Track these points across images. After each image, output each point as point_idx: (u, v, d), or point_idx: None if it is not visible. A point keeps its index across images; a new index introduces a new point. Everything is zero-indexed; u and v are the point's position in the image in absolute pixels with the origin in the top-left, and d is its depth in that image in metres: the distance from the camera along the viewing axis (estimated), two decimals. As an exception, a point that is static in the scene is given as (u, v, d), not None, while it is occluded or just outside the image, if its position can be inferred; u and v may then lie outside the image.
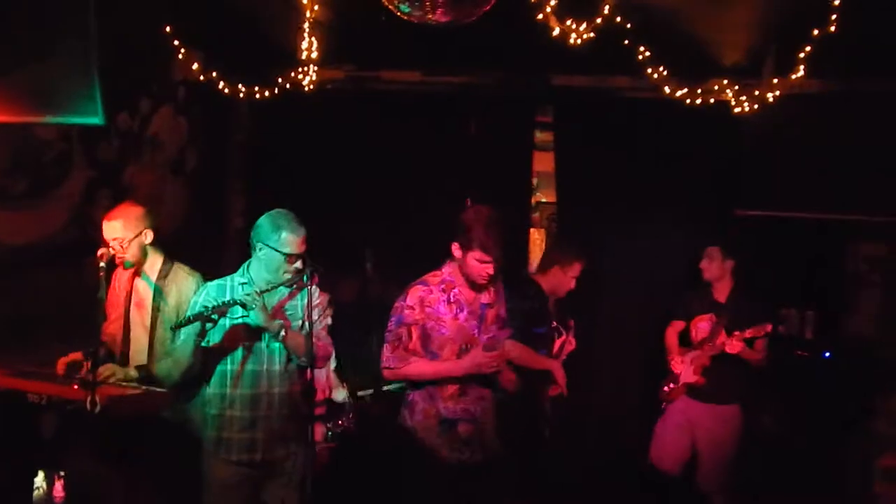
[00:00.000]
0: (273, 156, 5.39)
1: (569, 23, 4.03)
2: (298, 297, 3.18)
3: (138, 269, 3.44)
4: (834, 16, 4.09)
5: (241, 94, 4.94)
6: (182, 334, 3.19)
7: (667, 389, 4.52)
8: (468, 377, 3.32)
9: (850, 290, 5.21)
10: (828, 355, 4.96)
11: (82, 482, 3.19)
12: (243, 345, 3.20)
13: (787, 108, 4.57)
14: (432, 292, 3.31)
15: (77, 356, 3.32)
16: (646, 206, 5.13)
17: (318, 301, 3.30)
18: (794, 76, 4.41)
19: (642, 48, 4.34)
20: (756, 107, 4.58)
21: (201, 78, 4.79)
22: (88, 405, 2.86)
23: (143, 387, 3.24)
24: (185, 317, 3.18)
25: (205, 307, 3.11)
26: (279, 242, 3.14)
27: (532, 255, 5.23)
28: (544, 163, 5.29)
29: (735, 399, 4.40)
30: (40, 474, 3.10)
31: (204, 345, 3.16)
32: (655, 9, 4.23)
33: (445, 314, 3.31)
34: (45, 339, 3.58)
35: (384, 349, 3.32)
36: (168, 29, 4.54)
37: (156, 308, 3.41)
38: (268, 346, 3.19)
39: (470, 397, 3.35)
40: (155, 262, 3.46)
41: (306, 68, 4.70)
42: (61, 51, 3.61)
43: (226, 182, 5.49)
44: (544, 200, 5.37)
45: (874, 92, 4.58)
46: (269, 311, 3.16)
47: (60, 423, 3.21)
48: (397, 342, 3.28)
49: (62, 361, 3.34)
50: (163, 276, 3.44)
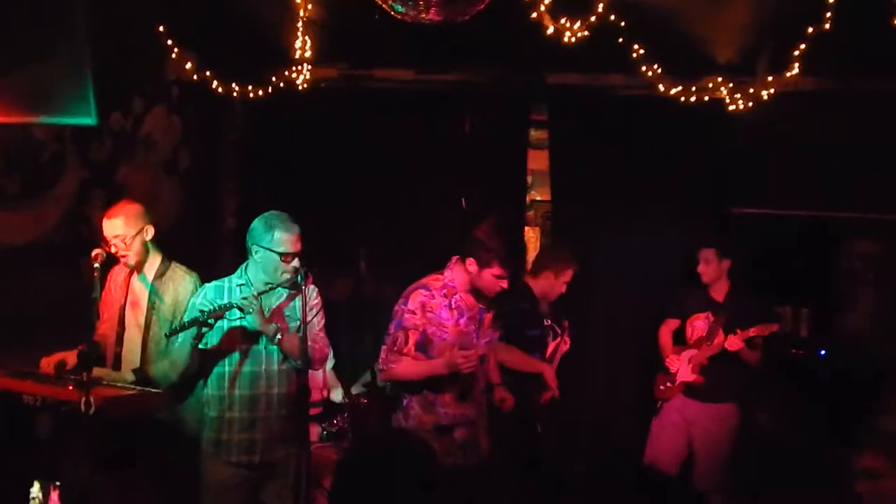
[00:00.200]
0: (267, 155, 5.41)
1: (563, 21, 4.05)
2: (297, 298, 3.21)
3: (138, 267, 3.47)
4: (828, 13, 4.11)
5: (235, 94, 4.96)
6: (179, 338, 3.21)
7: (663, 388, 4.55)
8: (464, 381, 3.33)
9: (844, 287, 5.25)
10: (823, 353, 4.99)
11: (77, 484, 3.21)
12: (240, 347, 3.23)
13: (781, 106, 4.60)
14: (434, 297, 3.32)
15: (62, 357, 3.36)
16: (640, 204, 5.16)
17: (316, 301, 3.33)
18: (788, 74, 4.43)
19: (636, 46, 4.36)
20: (750, 105, 4.61)
21: (195, 77, 4.81)
22: (83, 406, 2.88)
23: (137, 388, 3.26)
24: (181, 322, 3.21)
25: (201, 312, 3.14)
26: (273, 242, 3.17)
27: (527, 254, 5.25)
28: (539, 161, 5.30)
29: (731, 398, 4.43)
30: (36, 484, 3.10)
31: (201, 347, 3.19)
32: (649, 7, 4.25)
33: (447, 320, 3.33)
34: (39, 339, 3.60)
35: (382, 350, 3.34)
36: (161, 28, 4.55)
37: (151, 307, 3.44)
38: (266, 347, 3.23)
39: (467, 402, 3.37)
40: (153, 262, 3.49)
41: (300, 67, 4.72)
42: (54, 52, 3.65)
43: (219, 182, 5.50)
44: (539, 199, 5.37)
45: (868, 90, 4.61)
46: (266, 314, 3.19)
47: (55, 425, 3.23)
48: (393, 344, 3.30)
49: (46, 361, 3.37)
50: (160, 275, 3.47)
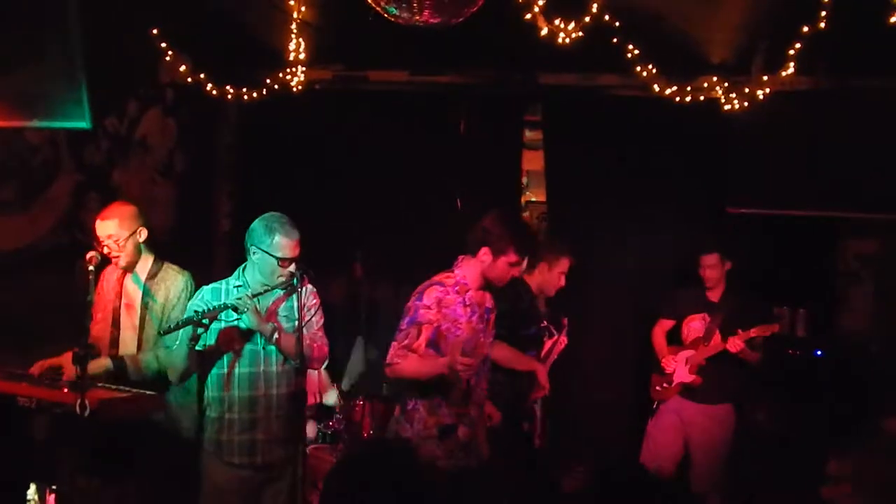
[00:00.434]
0: (262, 157, 5.45)
1: (557, 22, 4.06)
2: (292, 299, 3.24)
3: (130, 268, 3.52)
4: (824, 12, 4.11)
5: (229, 96, 5.00)
6: (175, 338, 3.26)
7: (659, 389, 4.58)
8: (468, 382, 3.37)
9: (841, 287, 5.26)
10: (820, 353, 5.01)
11: (72, 487, 3.24)
12: (237, 348, 3.27)
13: (777, 106, 4.62)
14: (449, 293, 3.34)
15: (55, 362, 3.40)
16: (636, 205, 5.20)
17: (314, 302, 3.36)
18: (783, 73, 4.45)
19: (631, 46, 4.37)
20: (746, 104, 4.63)
21: (189, 80, 4.84)
22: (78, 408, 2.91)
23: (133, 390, 3.29)
24: (175, 321, 3.25)
25: (195, 312, 3.17)
26: (272, 246, 3.20)
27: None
28: (534, 161, 5.34)
29: (728, 398, 4.47)
30: (32, 487, 3.12)
31: (199, 348, 3.22)
32: (644, 7, 4.28)
33: (461, 316, 3.35)
34: (34, 342, 3.65)
35: (391, 346, 3.33)
36: (155, 31, 4.59)
37: (144, 307, 3.49)
38: (264, 348, 3.26)
39: (470, 401, 3.40)
40: (145, 263, 3.54)
41: (294, 69, 4.75)
42: (48, 56, 3.69)
43: (214, 184, 5.55)
44: (534, 199, 5.42)
45: (864, 89, 4.63)
46: (262, 314, 3.23)
47: (51, 427, 3.26)
48: (405, 340, 3.29)
49: (39, 366, 3.41)
50: (152, 275, 3.52)
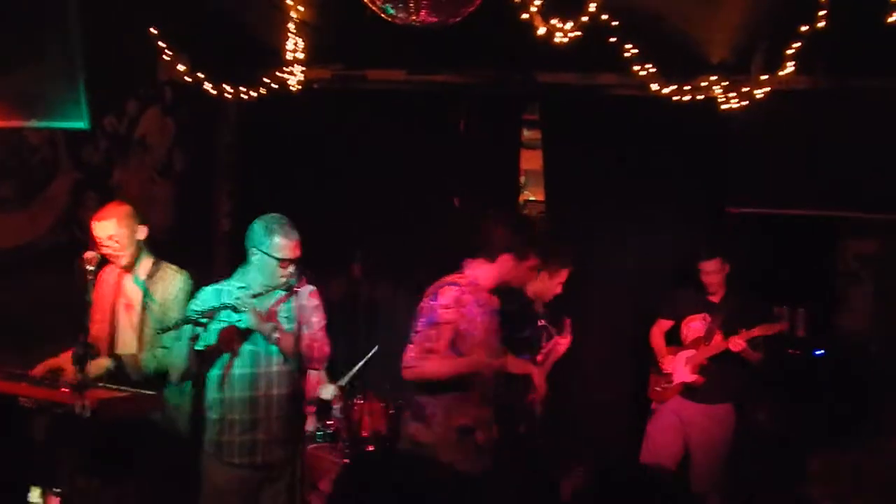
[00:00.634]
0: (260, 156, 5.49)
1: (554, 21, 4.08)
2: (292, 299, 3.29)
3: (130, 268, 3.57)
4: (823, 11, 4.10)
5: (228, 95, 5.03)
6: (174, 338, 3.32)
7: (658, 389, 4.62)
8: (484, 382, 3.41)
9: (841, 287, 5.30)
10: (820, 353, 5.04)
11: (72, 486, 3.28)
12: (235, 348, 3.32)
13: (776, 105, 4.64)
14: (464, 293, 3.37)
15: (55, 363, 3.45)
16: (635, 204, 5.24)
17: (316, 303, 3.41)
18: (782, 73, 4.45)
19: (629, 46, 4.38)
20: (745, 104, 4.64)
21: (188, 79, 4.88)
22: (78, 408, 2.96)
23: (132, 390, 3.35)
24: (173, 321, 3.31)
25: (194, 311, 3.23)
26: (271, 247, 3.26)
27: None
28: (532, 161, 5.36)
29: (728, 398, 4.51)
30: (36, 490, 3.15)
31: (199, 348, 3.27)
32: (642, 6, 4.29)
33: (477, 316, 3.40)
34: (33, 341, 3.69)
35: (409, 349, 3.33)
36: (153, 31, 4.63)
37: (143, 307, 3.55)
38: (265, 349, 3.31)
39: (487, 403, 3.44)
40: (144, 262, 3.60)
41: (292, 68, 4.78)
42: (47, 56, 3.72)
43: (213, 183, 5.60)
44: (532, 199, 5.44)
45: (864, 88, 4.66)
46: (261, 313, 3.28)
47: (51, 427, 3.31)
48: (426, 342, 3.30)
49: (42, 366, 3.46)
50: (150, 275, 3.59)
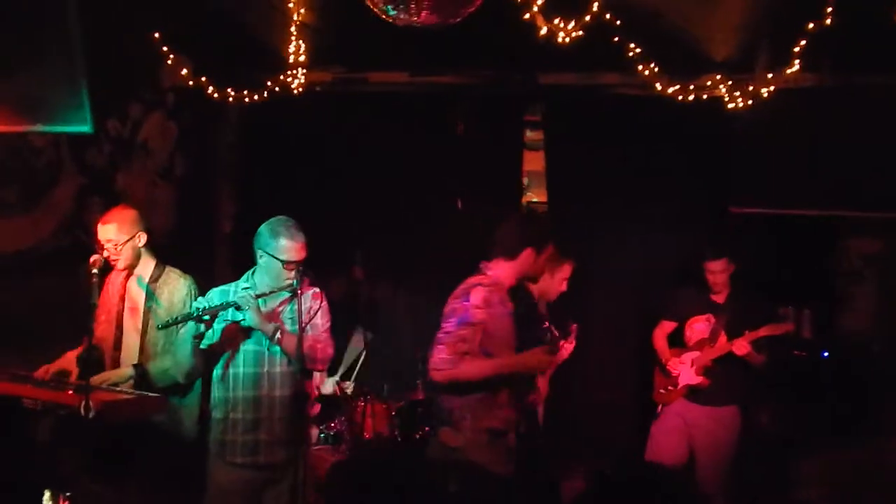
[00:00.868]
0: (263, 159, 5.54)
1: (556, 21, 4.10)
2: (296, 301, 3.32)
3: (131, 271, 3.63)
4: (829, 8, 4.13)
5: (230, 99, 5.11)
6: (177, 336, 3.37)
7: (663, 392, 4.62)
8: (519, 383, 3.45)
9: (846, 287, 5.28)
10: (826, 354, 5.04)
11: (77, 488, 3.32)
12: (242, 348, 3.38)
13: (780, 104, 4.65)
14: (492, 293, 3.40)
15: (60, 366, 3.50)
16: (638, 205, 5.26)
17: (322, 304, 3.46)
18: (788, 71, 4.47)
19: (632, 45, 4.40)
20: (750, 102, 4.66)
21: (190, 83, 4.95)
22: (83, 410, 3.01)
23: (136, 392, 3.40)
24: (174, 317, 3.36)
25: (196, 308, 3.29)
26: (277, 250, 3.32)
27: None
28: (534, 162, 5.38)
29: (733, 400, 4.51)
30: (47, 493, 3.19)
31: (203, 347, 3.33)
32: (644, 4, 4.30)
33: (503, 315, 3.43)
34: (38, 344, 3.75)
35: (438, 351, 3.28)
36: (156, 35, 4.69)
37: (148, 310, 3.59)
38: (268, 349, 3.37)
39: (517, 405, 3.46)
40: (147, 266, 3.65)
41: (294, 71, 4.84)
42: (49, 60, 3.78)
43: (216, 187, 5.66)
44: (535, 200, 5.46)
45: (870, 86, 4.66)
46: (264, 313, 3.33)
47: (55, 429, 3.35)
48: (460, 343, 3.26)
49: (45, 370, 3.51)
50: (154, 279, 3.63)
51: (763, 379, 4.59)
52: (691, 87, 4.74)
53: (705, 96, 4.77)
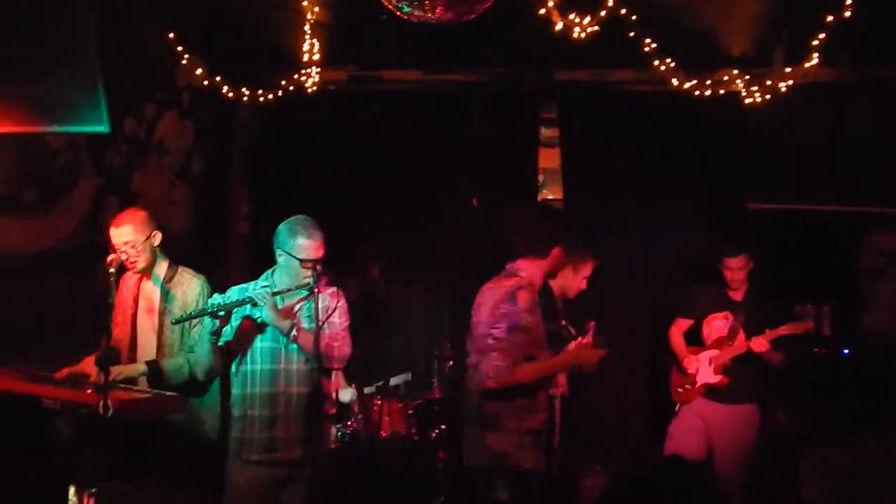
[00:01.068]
0: (277, 158, 5.57)
1: (572, 17, 4.08)
2: (315, 299, 3.32)
3: (146, 273, 3.66)
4: (848, 1, 4.08)
5: (245, 98, 5.14)
6: (192, 335, 3.40)
7: (681, 391, 4.61)
8: (548, 384, 3.45)
9: (866, 284, 5.24)
10: (847, 352, 4.99)
11: (97, 486, 3.35)
12: (259, 345, 3.40)
13: (799, 99, 4.63)
14: (533, 295, 3.39)
15: (80, 368, 3.54)
16: (654, 202, 5.25)
17: (340, 303, 3.47)
18: (807, 65, 4.45)
19: (648, 40, 4.39)
20: (767, 97, 4.64)
21: (205, 83, 4.98)
22: (101, 409, 3.03)
23: (154, 391, 3.44)
24: (190, 312, 3.40)
25: (212, 304, 3.32)
26: (294, 248, 3.34)
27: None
28: (550, 159, 5.38)
29: (752, 398, 4.49)
30: (71, 489, 3.23)
31: (220, 344, 3.36)
32: (660, -1, 4.33)
33: (540, 316, 3.43)
34: (56, 344, 3.78)
35: (492, 358, 3.24)
36: (171, 35, 4.72)
37: (162, 311, 3.63)
38: (285, 345, 3.39)
39: (547, 405, 3.46)
40: (161, 266, 3.68)
41: (308, 70, 4.86)
42: (65, 61, 3.79)
43: (231, 186, 5.69)
44: (551, 197, 5.45)
45: (890, 80, 4.64)
46: (280, 310, 3.36)
47: (75, 428, 3.38)
48: (514, 349, 3.23)
49: (66, 371, 3.54)
50: (168, 279, 3.66)
51: (782, 377, 4.56)
52: (708, 82, 4.74)
53: (722, 91, 4.76)
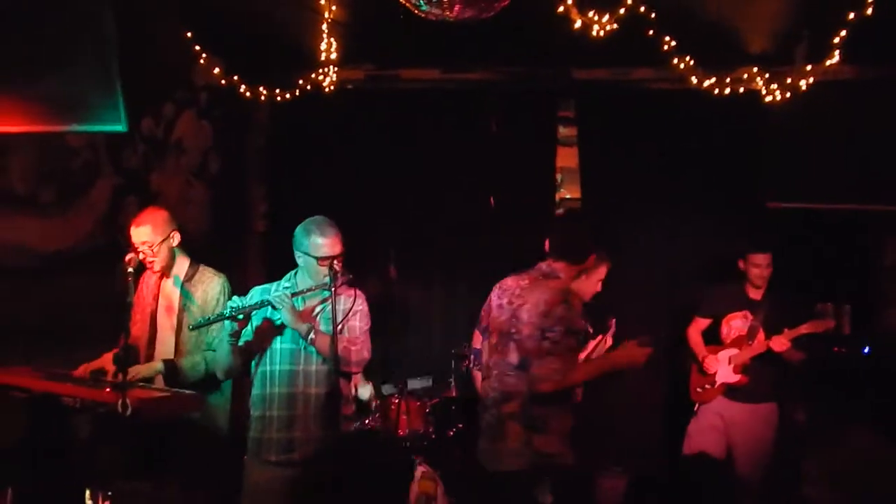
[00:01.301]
0: (295, 157, 5.56)
1: (591, 14, 4.08)
2: (335, 301, 3.30)
3: (167, 272, 3.65)
4: None
5: (262, 97, 5.14)
6: (210, 333, 3.39)
7: (700, 390, 4.58)
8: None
9: (887, 283, 5.17)
10: (867, 351, 4.94)
11: (114, 486, 3.35)
12: (278, 346, 3.40)
13: (818, 96, 4.58)
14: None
15: (98, 365, 3.55)
16: (672, 201, 5.21)
17: (361, 307, 3.47)
18: (828, 62, 4.42)
19: (667, 38, 4.37)
20: (787, 95, 4.60)
21: (223, 82, 4.99)
22: (120, 408, 3.04)
23: (172, 390, 3.44)
24: (208, 317, 3.40)
25: (231, 308, 3.31)
26: (310, 247, 3.34)
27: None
28: (568, 158, 5.35)
29: (772, 397, 4.46)
30: (87, 491, 3.24)
31: (240, 344, 3.36)
32: (680, -4, 4.28)
33: None
34: (76, 343, 3.79)
35: (549, 361, 3.20)
36: (188, 34, 4.73)
37: (182, 309, 3.63)
38: (304, 346, 3.38)
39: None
40: (182, 265, 3.69)
41: (326, 69, 4.86)
42: (83, 60, 3.81)
43: (249, 185, 5.70)
44: (569, 197, 5.43)
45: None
46: (299, 312, 3.35)
47: (94, 426, 3.39)
48: (570, 353, 3.22)
49: (84, 368, 3.55)
50: (189, 278, 3.67)
51: (801, 376, 4.53)
52: (727, 80, 4.70)
53: (741, 90, 4.73)
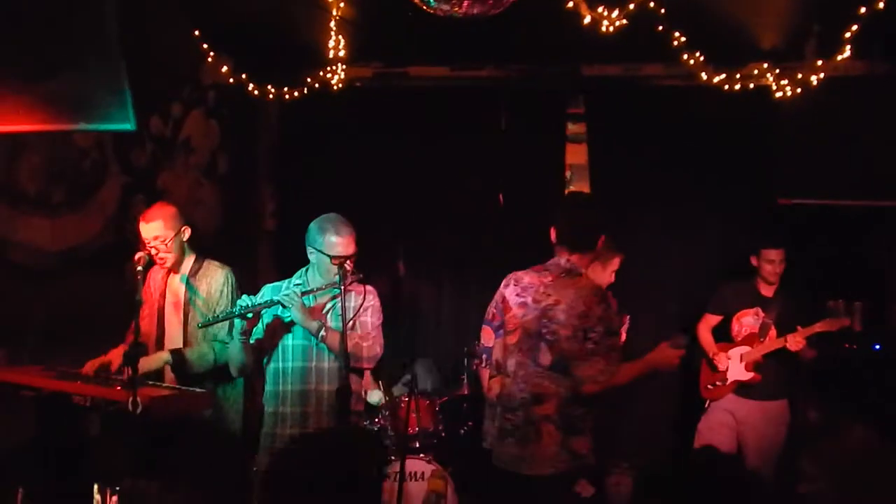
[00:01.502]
0: (303, 156, 5.56)
1: (600, 10, 4.06)
2: (348, 298, 3.34)
3: (175, 268, 3.67)
4: None
5: (270, 96, 5.13)
6: (217, 326, 3.38)
7: (711, 388, 4.56)
8: None
9: (896, 280, 5.16)
10: (878, 348, 4.91)
11: (126, 483, 3.35)
12: (290, 343, 3.41)
13: (831, 92, 4.55)
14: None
15: (105, 360, 3.55)
16: (683, 197, 5.20)
17: (373, 303, 3.46)
18: (839, 58, 4.37)
19: (677, 34, 4.34)
20: (798, 91, 4.57)
21: (231, 81, 4.98)
22: (130, 406, 3.04)
23: (182, 387, 3.44)
24: (216, 314, 3.41)
25: (240, 306, 3.31)
26: (324, 245, 3.34)
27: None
28: (577, 155, 5.34)
29: (783, 394, 4.45)
30: (95, 487, 3.24)
31: (251, 342, 3.36)
32: (690, -9, 4.25)
33: None
34: (86, 342, 3.79)
35: (594, 363, 3.15)
36: (196, 33, 4.73)
37: (188, 303, 3.65)
38: (316, 343, 3.39)
39: None
40: (188, 261, 3.71)
41: (334, 67, 4.85)
42: (91, 59, 3.79)
43: (257, 183, 5.69)
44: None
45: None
46: (309, 310, 3.35)
47: (104, 424, 3.39)
48: (613, 353, 3.17)
49: (91, 364, 3.55)
50: (194, 272, 3.69)
51: (813, 373, 4.50)
52: (737, 76, 4.67)
53: (752, 85, 4.70)
